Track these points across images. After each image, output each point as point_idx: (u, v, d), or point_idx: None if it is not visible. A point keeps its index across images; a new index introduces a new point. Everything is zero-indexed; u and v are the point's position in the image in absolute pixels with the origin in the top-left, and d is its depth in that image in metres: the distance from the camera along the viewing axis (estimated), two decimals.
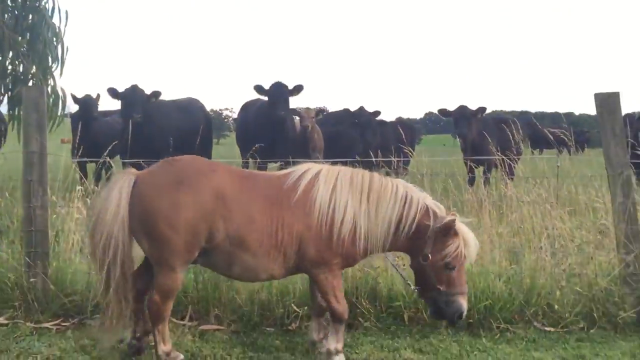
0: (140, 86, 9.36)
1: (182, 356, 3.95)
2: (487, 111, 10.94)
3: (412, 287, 4.17)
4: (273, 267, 3.88)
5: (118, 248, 3.69)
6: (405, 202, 3.90)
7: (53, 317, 4.79)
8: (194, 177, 3.73)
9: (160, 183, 3.73)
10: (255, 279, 4.08)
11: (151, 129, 9.03)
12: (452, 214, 3.94)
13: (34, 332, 4.54)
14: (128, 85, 9.36)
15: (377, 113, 10.30)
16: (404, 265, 4.63)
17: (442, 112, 10.92)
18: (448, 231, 3.80)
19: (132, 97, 9.12)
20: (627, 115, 10.04)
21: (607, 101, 4.95)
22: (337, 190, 3.89)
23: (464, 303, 3.87)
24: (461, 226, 3.87)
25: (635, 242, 4.85)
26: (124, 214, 3.68)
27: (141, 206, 3.69)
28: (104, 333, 3.95)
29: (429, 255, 3.83)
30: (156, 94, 9.36)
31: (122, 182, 3.76)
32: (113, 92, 9.33)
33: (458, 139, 11.24)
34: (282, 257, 3.86)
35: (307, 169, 4.05)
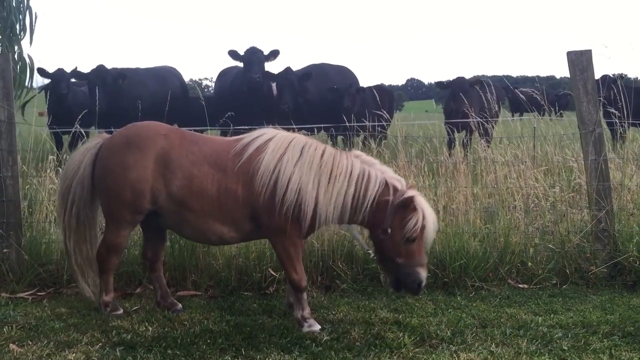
0: (112, 61, 9.16)
1: (121, 310, 4.25)
2: (468, 76, 10.83)
3: (372, 254, 4.15)
4: (222, 230, 3.99)
5: (75, 201, 4.13)
6: (362, 180, 3.80)
7: (28, 287, 4.79)
8: (142, 140, 3.99)
9: (114, 144, 4.07)
10: (206, 241, 4.30)
11: (125, 99, 8.87)
12: (411, 187, 3.90)
13: (10, 302, 4.52)
14: (98, 64, 9.14)
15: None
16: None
17: (440, 84, 10.75)
18: (407, 207, 3.74)
19: (95, 82, 8.86)
20: (605, 76, 10.07)
21: (580, 59, 4.96)
22: (283, 160, 3.83)
23: (423, 273, 3.81)
24: (420, 200, 3.80)
25: (606, 199, 4.93)
26: (85, 172, 4.11)
27: (98, 165, 4.08)
28: (83, 289, 4.34)
29: (388, 230, 3.78)
30: (122, 75, 9.16)
31: (89, 145, 4.20)
32: (78, 75, 9.14)
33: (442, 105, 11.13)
34: (230, 221, 3.96)
35: (260, 134, 4.04)
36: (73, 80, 9.83)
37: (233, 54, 9.43)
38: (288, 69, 9.72)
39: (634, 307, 4.38)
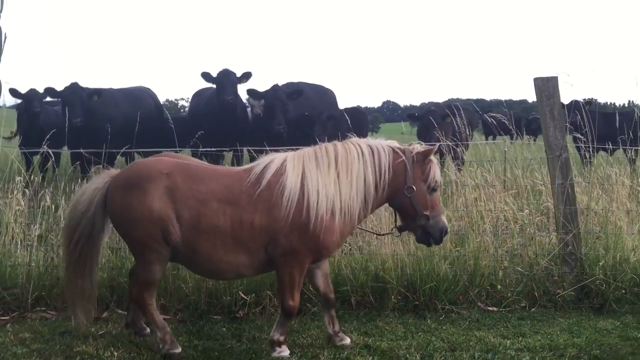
0: (86, 82, 9.06)
1: (179, 349, 3.91)
2: (443, 99, 10.90)
3: (393, 227, 4.28)
4: (237, 263, 3.88)
5: (81, 238, 4.00)
6: (373, 155, 3.96)
7: None
8: (143, 182, 3.82)
9: (117, 186, 3.93)
10: (221, 277, 4.21)
11: (97, 119, 8.77)
12: (411, 144, 4.10)
13: None
14: (71, 82, 9.03)
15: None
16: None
17: (411, 117, 10.57)
18: (425, 158, 3.98)
19: (71, 99, 8.71)
20: (574, 101, 10.29)
21: (546, 85, 5.07)
22: (306, 174, 3.88)
23: (445, 220, 4.10)
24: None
25: (573, 222, 5.01)
26: (96, 212, 3.98)
27: (108, 206, 3.97)
28: (73, 317, 4.20)
29: (413, 187, 3.93)
30: (97, 92, 9.06)
31: (98, 183, 4.04)
32: (51, 93, 9.03)
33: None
34: (246, 252, 3.85)
35: (270, 160, 3.99)
36: (48, 99, 9.69)
37: (206, 76, 9.41)
38: (276, 87, 9.38)
39: (600, 330, 4.44)
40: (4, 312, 4.68)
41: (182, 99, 46.59)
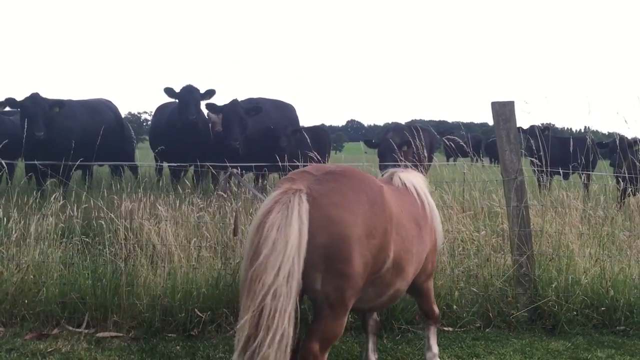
0: (46, 93, 8.85)
1: None
2: (406, 119, 11.01)
3: None
4: (404, 287, 3.56)
5: (292, 288, 2.79)
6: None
7: None
8: (379, 196, 3.13)
9: (353, 203, 2.99)
10: (391, 303, 3.98)
11: (54, 131, 8.58)
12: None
13: None
14: (33, 91, 8.83)
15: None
16: None
17: (368, 143, 10.29)
18: None
19: (32, 110, 8.45)
20: (532, 126, 10.58)
21: (503, 110, 5.18)
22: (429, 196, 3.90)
23: None
24: None
25: (527, 244, 5.10)
26: (304, 246, 2.82)
27: (333, 233, 2.90)
28: None
29: None
30: (59, 103, 8.88)
31: (299, 204, 2.86)
32: (12, 103, 8.81)
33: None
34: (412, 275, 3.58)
35: (404, 178, 3.79)
36: (7, 109, 9.45)
37: (169, 92, 9.35)
38: (235, 102, 9.34)
39: (552, 351, 4.52)
40: None
41: (145, 112, 46.09)
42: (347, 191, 3.01)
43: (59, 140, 8.42)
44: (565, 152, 7.68)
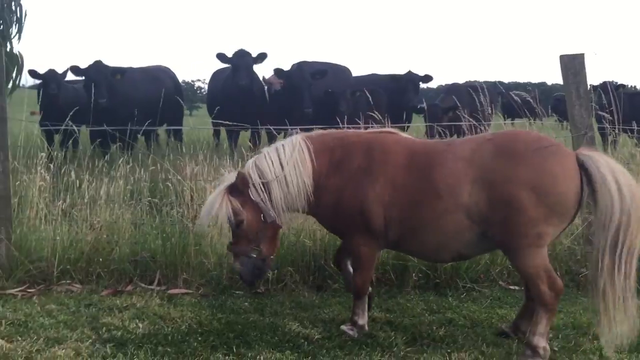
0: (107, 61, 9.07)
1: None
2: (461, 80, 10.78)
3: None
4: None
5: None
6: None
7: (18, 284, 4.75)
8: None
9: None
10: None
11: (117, 98, 8.82)
12: None
13: None
14: (92, 61, 9.08)
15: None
16: None
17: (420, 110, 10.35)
18: None
19: (96, 78, 8.79)
20: (605, 82, 10.10)
21: (573, 62, 4.96)
22: None
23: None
24: None
25: None
26: None
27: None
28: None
29: None
30: (120, 71, 9.10)
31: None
32: (76, 71, 9.06)
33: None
34: None
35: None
36: (73, 77, 9.75)
37: (221, 57, 9.40)
38: (302, 67, 9.28)
39: None
40: (30, 285, 4.76)
41: (199, 80, 46.56)
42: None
43: (121, 107, 8.64)
44: (635, 109, 7.35)
